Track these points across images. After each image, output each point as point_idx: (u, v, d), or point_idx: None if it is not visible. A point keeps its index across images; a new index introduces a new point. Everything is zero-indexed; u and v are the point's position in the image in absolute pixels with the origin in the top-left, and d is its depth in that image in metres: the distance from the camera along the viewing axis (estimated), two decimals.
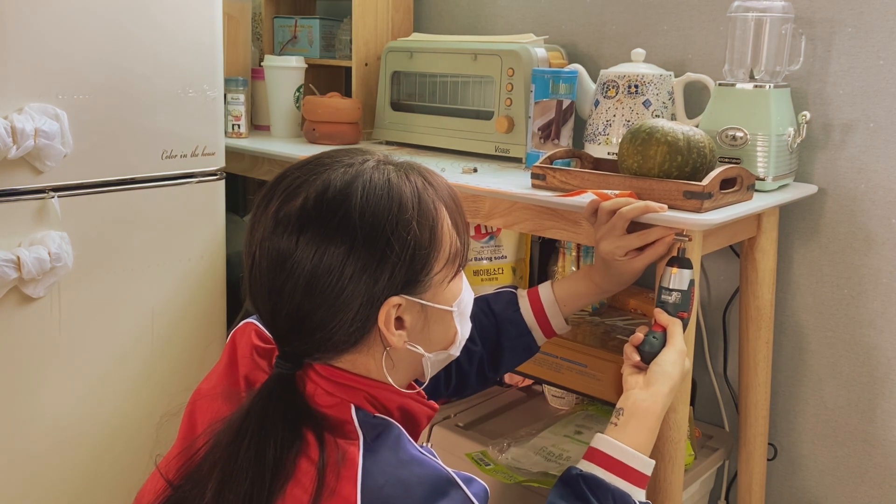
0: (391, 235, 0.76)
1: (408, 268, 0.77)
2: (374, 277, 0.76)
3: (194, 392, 0.90)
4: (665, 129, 1.14)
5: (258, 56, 1.98)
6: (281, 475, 0.74)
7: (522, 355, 1.15)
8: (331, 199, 0.76)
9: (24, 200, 1.29)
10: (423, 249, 0.78)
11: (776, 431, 1.52)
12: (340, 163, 0.79)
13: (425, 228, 0.78)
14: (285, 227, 0.76)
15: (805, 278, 1.45)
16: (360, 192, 0.76)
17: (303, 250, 0.75)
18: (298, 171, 0.80)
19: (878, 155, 1.35)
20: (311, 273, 0.75)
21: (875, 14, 1.32)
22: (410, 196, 0.78)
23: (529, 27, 1.74)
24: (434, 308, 0.81)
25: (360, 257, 0.75)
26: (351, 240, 0.75)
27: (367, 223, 0.75)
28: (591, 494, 0.88)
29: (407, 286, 0.78)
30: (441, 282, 0.81)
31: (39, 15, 1.26)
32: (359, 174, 0.78)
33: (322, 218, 0.75)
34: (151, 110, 1.41)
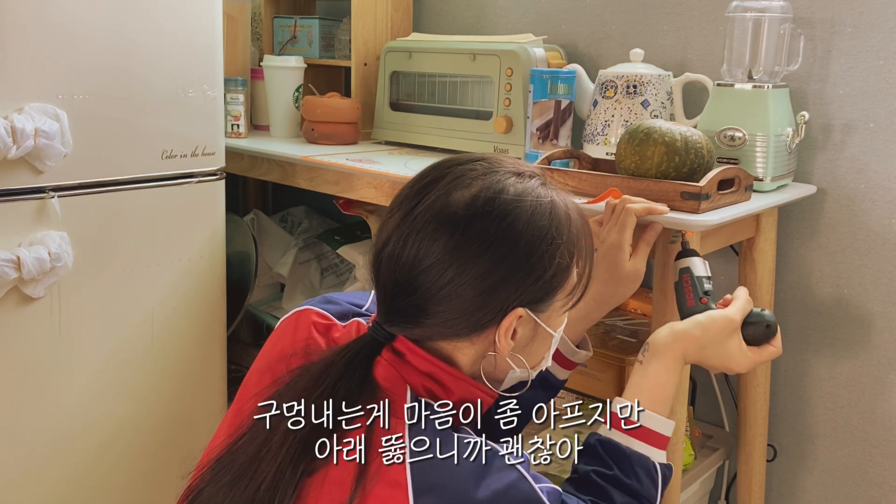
0: (545, 252, 0.80)
1: (545, 286, 0.81)
2: (516, 286, 0.79)
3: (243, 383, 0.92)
4: (662, 130, 1.14)
5: (258, 56, 1.98)
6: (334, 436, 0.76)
7: (542, 392, 1.08)
8: (504, 201, 0.79)
9: (24, 200, 1.29)
10: (562, 273, 0.82)
11: (776, 431, 1.52)
12: (507, 170, 0.82)
13: (569, 254, 0.82)
14: (451, 214, 0.78)
15: (805, 278, 1.45)
16: (530, 203, 0.80)
17: (463, 243, 0.77)
18: (470, 165, 0.83)
19: (878, 155, 1.34)
20: (462, 268, 0.77)
21: (875, 14, 1.32)
22: (565, 221, 0.82)
23: (528, 27, 1.74)
24: (543, 330, 0.85)
25: (511, 264, 0.79)
26: (511, 246, 0.78)
27: (529, 234, 0.79)
28: (611, 459, 0.89)
29: (535, 302, 0.82)
30: (559, 308, 0.85)
31: (39, 15, 1.26)
32: (530, 188, 0.81)
33: (492, 218, 0.78)
34: (151, 110, 1.41)
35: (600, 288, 1.07)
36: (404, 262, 0.79)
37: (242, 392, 0.90)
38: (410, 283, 0.79)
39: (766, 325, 0.97)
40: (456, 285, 0.78)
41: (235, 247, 1.87)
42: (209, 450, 0.87)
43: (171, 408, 1.54)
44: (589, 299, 1.07)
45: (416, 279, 0.79)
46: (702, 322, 0.96)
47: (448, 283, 0.78)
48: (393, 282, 0.81)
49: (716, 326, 0.96)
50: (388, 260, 0.81)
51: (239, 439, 0.80)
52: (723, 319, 0.96)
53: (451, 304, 0.79)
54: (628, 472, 0.87)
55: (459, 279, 0.77)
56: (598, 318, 1.09)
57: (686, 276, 1.05)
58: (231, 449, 0.80)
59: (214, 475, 0.79)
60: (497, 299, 0.79)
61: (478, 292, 0.78)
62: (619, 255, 1.05)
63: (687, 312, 1.02)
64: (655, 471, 0.89)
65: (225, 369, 1.63)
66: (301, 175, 1.62)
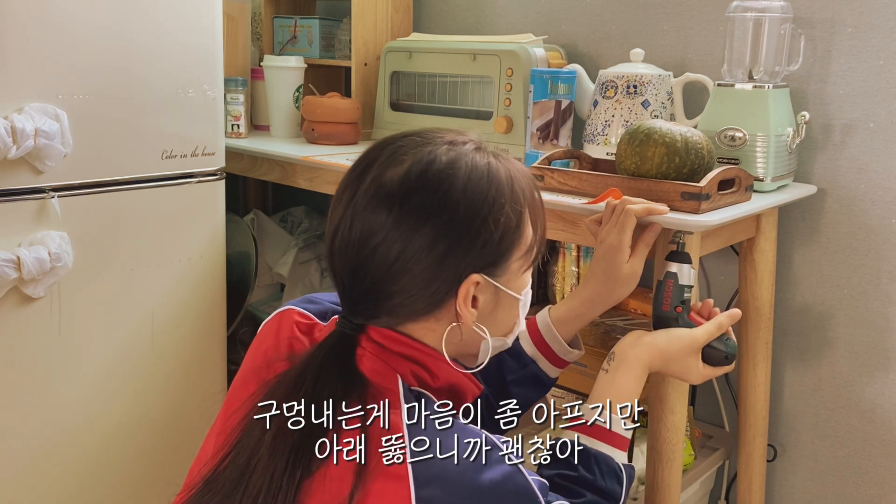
0: (488, 214, 0.80)
1: (495, 249, 0.81)
2: (464, 253, 0.79)
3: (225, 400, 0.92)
4: (663, 131, 1.14)
5: (258, 56, 1.98)
6: (331, 436, 0.76)
7: (533, 389, 1.09)
8: (436, 171, 0.79)
9: (24, 200, 1.29)
10: (511, 233, 0.82)
11: (776, 431, 1.52)
12: (442, 139, 0.83)
13: (515, 214, 0.82)
14: (386, 194, 0.79)
15: (805, 278, 1.45)
16: (465, 170, 0.80)
17: (400, 218, 0.78)
18: (401, 141, 0.83)
19: (878, 155, 1.34)
20: (406, 241, 0.78)
21: (875, 14, 1.32)
22: (505, 181, 0.82)
23: (529, 27, 1.74)
24: (505, 294, 0.85)
25: (455, 232, 0.79)
26: (450, 214, 0.78)
27: (468, 199, 0.79)
28: (576, 460, 0.92)
29: (488, 267, 0.82)
30: (517, 269, 0.85)
31: (39, 15, 1.26)
32: (462, 154, 0.81)
33: (426, 189, 0.79)
34: (151, 110, 1.41)
35: (597, 288, 1.07)
36: (353, 247, 0.80)
37: (229, 401, 0.89)
38: (362, 266, 0.80)
39: (724, 356, 1.02)
40: (405, 261, 0.78)
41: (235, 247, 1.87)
42: (197, 465, 0.87)
43: (171, 407, 1.54)
44: (584, 299, 1.08)
45: (367, 262, 0.79)
46: (669, 337, 1.01)
47: (396, 259, 0.78)
48: (347, 270, 0.81)
49: (680, 343, 1.01)
50: (338, 249, 0.81)
51: (227, 456, 0.80)
52: (688, 338, 1.01)
53: (405, 281, 0.79)
54: (593, 471, 0.91)
55: (406, 254, 0.78)
56: (593, 318, 1.09)
57: (670, 280, 1.05)
58: (219, 467, 0.80)
59: (205, 495, 0.79)
60: (448, 269, 0.79)
61: (427, 264, 0.78)
62: (618, 256, 1.05)
63: (659, 314, 1.05)
64: (620, 470, 0.93)
65: (225, 369, 1.63)
66: (301, 175, 1.62)
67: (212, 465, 0.81)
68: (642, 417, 1.35)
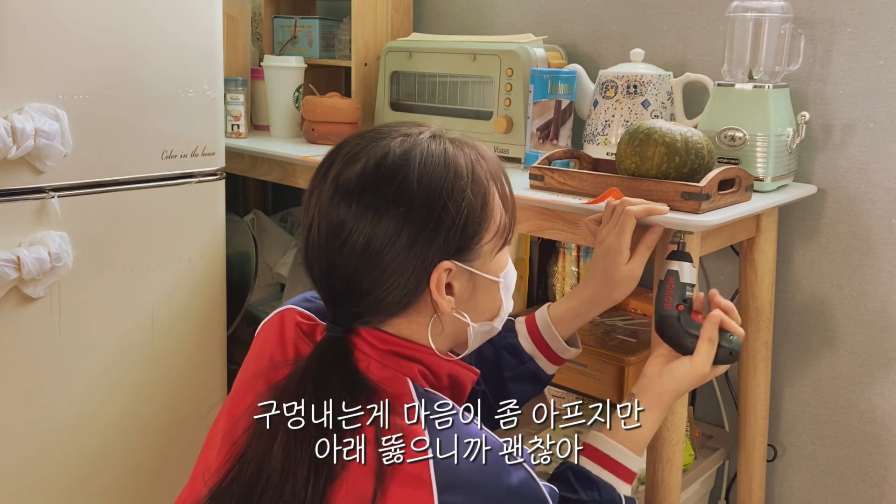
0: (447, 200, 0.79)
1: (461, 233, 0.81)
2: (429, 241, 0.79)
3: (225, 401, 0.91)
4: (663, 130, 1.14)
5: (258, 56, 1.98)
6: (341, 442, 0.77)
7: (530, 385, 1.10)
8: (390, 164, 0.80)
9: (24, 200, 1.29)
10: (476, 217, 0.82)
11: (776, 431, 1.52)
12: (398, 132, 0.83)
13: (478, 197, 0.82)
14: (345, 192, 0.80)
15: (805, 278, 1.45)
16: (419, 159, 0.80)
17: (361, 214, 0.79)
18: (358, 139, 0.84)
19: (878, 155, 1.34)
20: (369, 236, 0.78)
21: (875, 14, 1.32)
22: (465, 165, 0.82)
23: (529, 27, 1.74)
24: (482, 277, 0.85)
25: (416, 221, 0.79)
26: (408, 204, 0.78)
27: (424, 188, 0.79)
28: (578, 484, 0.93)
29: (458, 252, 0.81)
30: (490, 252, 0.84)
31: (39, 15, 1.26)
32: (416, 143, 0.82)
33: (381, 183, 0.79)
34: (151, 110, 1.41)
35: (596, 289, 1.07)
36: (322, 247, 0.81)
37: (235, 402, 0.88)
38: (333, 265, 0.81)
39: (729, 353, 1.01)
40: (371, 254, 0.79)
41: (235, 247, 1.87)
42: (201, 465, 0.86)
43: (171, 407, 1.54)
44: (584, 299, 1.08)
45: (336, 259, 0.80)
46: (675, 380, 1.00)
47: (363, 253, 0.79)
48: (322, 271, 0.82)
49: (696, 373, 0.99)
50: (311, 252, 0.82)
51: (231, 469, 0.80)
52: (692, 375, 0.99)
53: (376, 274, 0.79)
54: (594, 497, 0.93)
55: (372, 247, 0.79)
56: (592, 317, 1.10)
57: (671, 278, 1.05)
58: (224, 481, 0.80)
59: None
60: (415, 258, 0.79)
61: (393, 255, 0.79)
62: (617, 258, 1.05)
63: (661, 313, 1.04)
64: (619, 500, 0.95)
65: (225, 369, 1.63)
66: (301, 175, 1.62)
67: (218, 477, 0.81)
68: None
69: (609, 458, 0.96)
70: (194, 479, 0.87)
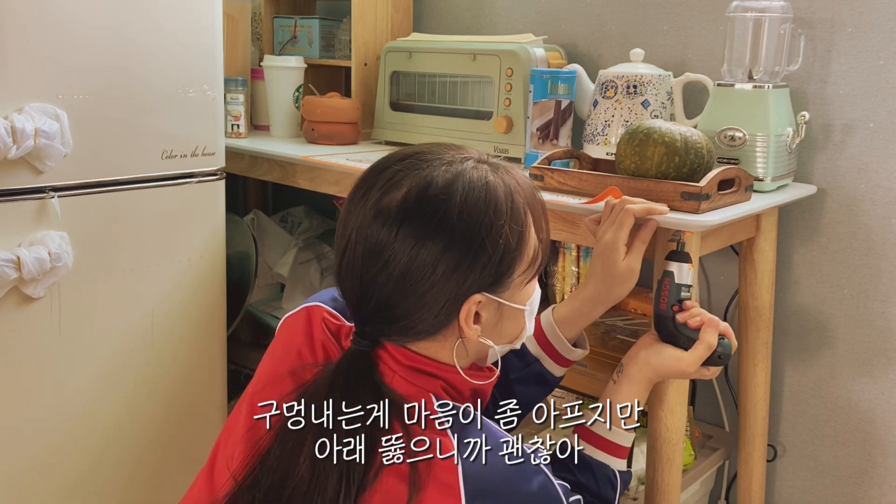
0: (486, 237, 0.80)
1: (495, 269, 0.82)
2: (465, 276, 0.80)
3: (250, 385, 0.92)
4: (662, 130, 1.14)
5: (258, 56, 1.98)
6: (373, 449, 0.78)
7: (537, 388, 1.11)
8: (433, 196, 0.80)
9: (24, 200, 1.29)
10: (511, 252, 0.83)
11: (776, 431, 1.52)
12: (441, 160, 0.83)
13: (515, 233, 0.83)
14: (385, 218, 0.80)
15: (805, 278, 1.45)
16: (461, 192, 0.80)
17: (400, 243, 0.79)
18: (400, 164, 0.83)
19: (878, 155, 1.34)
20: (406, 266, 0.79)
21: (875, 14, 1.32)
22: (504, 199, 0.82)
23: (529, 27, 1.74)
24: (508, 307, 0.86)
25: (454, 256, 0.79)
26: (448, 238, 0.79)
27: (464, 223, 0.80)
28: (573, 466, 0.97)
29: (490, 286, 0.83)
30: (520, 284, 0.86)
31: (39, 15, 1.26)
32: (460, 174, 0.82)
33: (423, 214, 0.79)
34: (151, 110, 1.41)
35: (596, 287, 1.07)
36: (357, 271, 0.82)
37: (258, 393, 0.89)
38: (367, 290, 0.81)
39: (717, 356, 1.03)
40: (406, 285, 0.79)
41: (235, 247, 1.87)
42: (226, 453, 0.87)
43: (171, 408, 1.54)
44: (585, 299, 1.08)
45: (371, 285, 0.81)
46: (660, 358, 1.03)
47: (398, 283, 0.80)
48: (355, 293, 0.83)
49: (680, 365, 1.02)
50: (345, 272, 0.83)
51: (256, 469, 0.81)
52: (677, 366, 1.02)
53: (409, 304, 0.80)
54: (588, 478, 0.97)
55: (408, 279, 0.79)
56: (596, 317, 1.10)
57: (667, 279, 1.06)
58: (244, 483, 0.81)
59: None
60: (449, 291, 0.80)
61: (429, 287, 0.79)
62: (614, 253, 1.05)
63: (658, 313, 1.06)
64: (615, 476, 0.99)
65: (225, 369, 1.63)
66: (301, 175, 1.62)
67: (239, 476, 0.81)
68: (642, 417, 1.35)
69: (602, 438, 1.00)
70: (212, 468, 0.88)
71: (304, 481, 0.78)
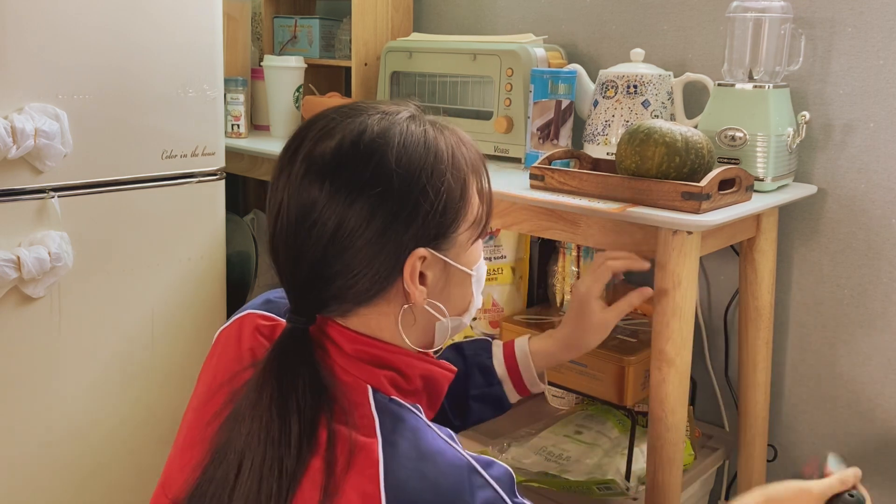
0: (427, 183, 0.75)
1: (439, 219, 0.76)
2: (405, 225, 0.74)
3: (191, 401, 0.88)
4: (663, 130, 1.14)
5: (258, 56, 1.98)
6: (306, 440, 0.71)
7: (491, 410, 1.09)
8: (367, 142, 0.75)
9: (24, 200, 1.29)
10: (454, 203, 0.77)
11: (776, 432, 1.52)
12: (375, 109, 0.78)
13: (458, 182, 0.78)
14: (319, 169, 0.74)
15: (805, 278, 1.45)
16: (398, 138, 0.75)
17: (334, 194, 0.73)
18: (334, 114, 0.78)
19: (878, 155, 1.34)
20: (342, 216, 0.73)
21: (875, 14, 1.32)
22: (445, 149, 0.77)
23: (529, 27, 1.74)
24: (455, 269, 0.80)
25: (393, 204, 0.74)
26: (385, 185, 0.73)
27: (403, 168, 0.74)
28: None
29: (434, 240, 0.77)
30: (465, 242, 0.80)
31: (39, 15, 1.26)
32: (395, 122, 0.77)
33: (357, 162, 0.74)
34: (151, 110, 1.42)
35: (570, 332, 1.10)
36: (291, 230, 0.75)
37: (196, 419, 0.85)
38: (301, 249, 0.75)
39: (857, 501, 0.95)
40: (342, 237, 0.73)
41: (235, 247, 1.87)
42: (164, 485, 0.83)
43: (171, 407, 1.54)
44: (558, 339, 1.10)
45: (304, 243, 0.75)
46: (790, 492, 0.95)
47: (333, 236, 0.73)
48: (289, 259, 0.77)
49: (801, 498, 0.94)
50: (278, 235, 0.77)
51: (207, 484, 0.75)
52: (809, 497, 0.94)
53: (346, 259, 0.74)
54: None
55: (343, 230, 0.73)
56: (565, 360, 1.12)
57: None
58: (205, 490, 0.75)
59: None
60: (389, 243, 0.74)
61: (366, 240, 0.73)
62: (588, 304, 1.08)
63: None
64: None
65: None
66: None
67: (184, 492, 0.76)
68: (642, 418, 1.35)
69: None
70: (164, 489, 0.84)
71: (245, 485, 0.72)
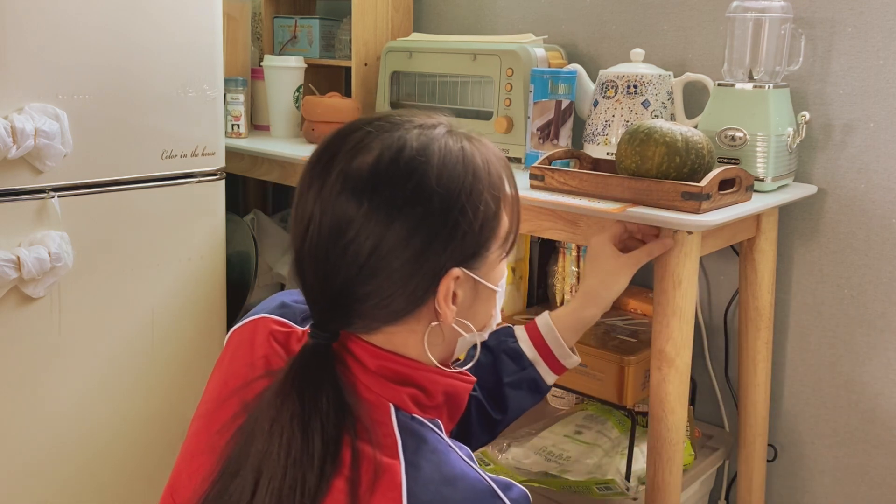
0: (466, 202, 0.73)
1: (475, 239, 0.75)
2: (444, 245, 0.73)
3: (200, 403, 0.87)
4: (663, 130, 1.14)
5: (258, 56, 1.98)
6: (330, 459, 0.70)
7: (529, 394, 1.06)
8: (408, 159, 0.72)
9: (24, 200, 1.29)
10: (490, 221, 0.76)
11: (776, 431, 1.52)
12: (413, 123, 0.76)
13: (494, 200, 0.76)
14: (355, 186, 0.72)
15: (805, 278, 1.45)
16: (438, 155, 0.73)
17: (373, 212, 0.71)
18: (368, 126, 0.75)
19: (878, 155, 1.34)
20: (379, 237, 0.71)
21: (875, 14, 1.32)
22: (482, 166, 0.76)
23: (529, 27, 1.74)
24: (483, 286, 0.79)
25: (433, 223, 0.72)
26: (426, 204, 0.71)
27: (443, 188, 0.72)
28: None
29: (469, 259, 0.75)
30: (495, 260, 0.79)
31: (39, 15, 1.26)
32: (434, 138, 0.74)
33: (397, 179, 0.72)
34: (151, 110, 1.41)
35: (588, 282, 1.10)
36: (322, 247, 0.73)
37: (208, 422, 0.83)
38: (333, 267, 0.72)
39: None
40: (378, 258, 0.71)
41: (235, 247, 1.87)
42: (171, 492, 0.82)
43: (171, 408, 1.54)
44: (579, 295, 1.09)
45: (338, 261, 0.72)
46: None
47: (369, 256, 0.71)
48: (318, 272, 0.74)
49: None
50: (308, 250, 0.74)
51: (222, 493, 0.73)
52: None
53: (379, 281, 0.72)
54: None
55: (380, 250, 0.71)
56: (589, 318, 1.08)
57: None
58: None
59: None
60: (427, 263, 0.72)
61: (404, 260, 0.71)
62: (602, 250, 1.09)
63: None
64: None
65: None
66: None
67: None
68: (642, 418, 1.35)
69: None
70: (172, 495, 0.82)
71: None
